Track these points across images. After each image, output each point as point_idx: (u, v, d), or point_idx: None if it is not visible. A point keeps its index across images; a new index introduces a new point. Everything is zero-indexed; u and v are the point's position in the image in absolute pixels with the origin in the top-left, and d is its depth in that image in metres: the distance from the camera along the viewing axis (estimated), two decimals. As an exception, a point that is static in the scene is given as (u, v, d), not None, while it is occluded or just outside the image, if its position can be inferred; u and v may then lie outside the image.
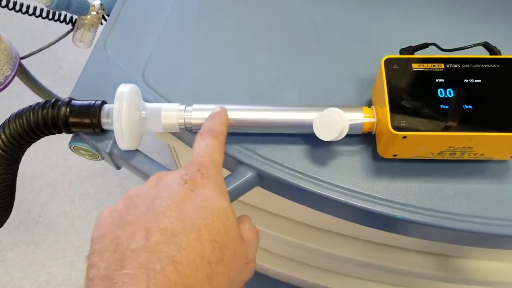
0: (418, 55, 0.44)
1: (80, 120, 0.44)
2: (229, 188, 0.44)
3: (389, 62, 0.42)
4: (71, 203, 1.51)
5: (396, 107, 0.40)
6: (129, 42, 0.54)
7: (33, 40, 1.72)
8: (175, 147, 0.69)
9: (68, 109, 0.44)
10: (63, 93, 1.09)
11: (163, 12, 0.56)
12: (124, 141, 0.43)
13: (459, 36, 0.48)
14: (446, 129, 0.38)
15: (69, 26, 0.94)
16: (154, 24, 0.55)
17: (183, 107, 0.44)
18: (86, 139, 0.47)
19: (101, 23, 0.92)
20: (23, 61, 0.96)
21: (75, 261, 1.44)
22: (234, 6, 0.57)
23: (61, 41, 0.99)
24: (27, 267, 1.39)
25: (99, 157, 0.49)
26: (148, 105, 0.44)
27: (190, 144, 0.50)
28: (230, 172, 0.46)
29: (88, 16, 0.89)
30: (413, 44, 0.46)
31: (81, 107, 0.44)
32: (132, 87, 0.43)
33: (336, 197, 0.43)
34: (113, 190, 1.54)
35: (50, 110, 0.44)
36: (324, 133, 0.41)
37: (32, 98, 1.04)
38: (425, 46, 0.46)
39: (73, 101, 0.45)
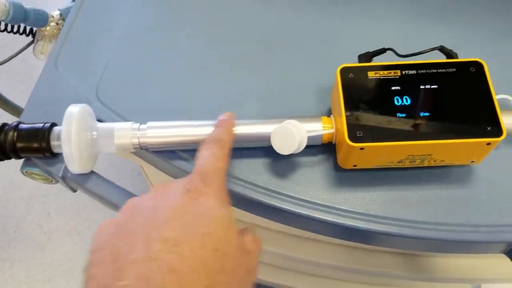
0: (374, 62, 0.43)
1: (29, 145, 0.42)
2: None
3: (344, 71, 0.41)
4: (47, 216, 1.48)
5: (352, 118, 0.39)
6: (81, 59, 0.52)
7: (2, 49, 1.67)
8: (142, 166, 0.68)
9: (15, 134, 0.42)
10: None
11: (117, 27, 0.54)
12: (75, 165, 0.41)
13: (420, 40, 0.47)
14: (404, 138, 0.38)
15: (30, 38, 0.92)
16: (107, 39, 0.53)
17: (136, 125, 0.43)
18: (37, 164, 0.45)
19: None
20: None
21: (54, 275, 1.42)
22: (190, 19, 0.55)
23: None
24: (4, 285, 1.36)
25: (53, 181, 0.47)
26: (100, 125, 0.43)
27: (152, 163, 0.48)
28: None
29: (48, 28, 0.86)
30: (371, 49, 0.45)
31: (29, 130, 0.42)
32: (82, 107, 0.42)
33: (298, 211, 0.42)
34: (89, 201, 1.51)
35: (-3, 136, 0.42)
36: (282, 147, 0.40)
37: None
38: (382, 51, 0.45)
39: (20, 125, 0.43)
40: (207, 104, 0.48)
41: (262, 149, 0.45)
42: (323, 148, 0.45)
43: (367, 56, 0.46)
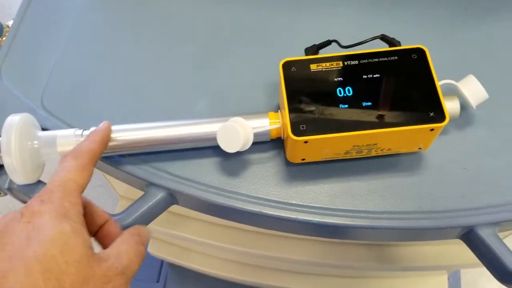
0: (316, 55, 0.42)
1: (-32, 158, 0.41)
2: (140, 211, 0.42)
3: (287, 65, 0.40)
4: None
5: (295, 111, 0.38)
6: (25, 67, 0.51)
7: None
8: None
9: (-45, 148, 0.41)
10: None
11: (61, 34, 0.53)
12: (18, 176, 0.40)
13: (368, 30, 0.47)
14: (347, 129, 0.37)
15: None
16: (52, 47, 0.52)
17: (79, 132, 0.42)
18: (-18, 177, 0.44)
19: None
20: None
21: None
22: (135, 22, 0.54)
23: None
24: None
25: (2, 194, 0.46)
26: (42, 133, 0.42)
27: (102, 169, 0.47)
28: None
29: (4, 38, 0.84)
30: (318, 42, 0.45)
31: (-31, 143, 0.41)
32: (23, 116, 0.41)
33: (250, 209, 0.42)
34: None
35: None
36: (228, 145, 0.40)
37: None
38: (328, 43, 0.45)
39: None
40: (156, 106, 0.48)
41: (211, 148, 0.44)
42: (273, 144, 0.44)
43: (313, 49, 0.45)
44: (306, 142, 0.38)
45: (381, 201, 0.41)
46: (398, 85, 0.39)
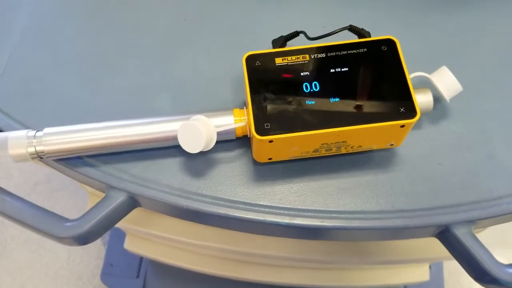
0: (282, 48, 0.40)
1: None
2: (99, 216, 0.40)
3: (250, 59, 0.38)
4: (0, 225, 1.42)
5: (259, 109, 0.36)
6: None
7: None
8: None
9: None
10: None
11: (15, 25, 0.50)
12: (-35, 183, 0.37)
13: (338, 21, 0.45)
14: (314, 127, 0.35)
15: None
16: (4, 40, 0.49)
17: (32, 133, 0.39)
18: None
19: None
20: None
21: (12, 286, 1.37)
22: (94, 12, 0.51)
23: None
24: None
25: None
26: (-9, 136, 0.39)
27: (61, 171, 0.45)
28: (105, 196, 0.42)
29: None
30: (286, 33, 0.43)
31: None
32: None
33: (216, 211, 0.39)
34: (43, 206, 1.46)
35: None
36: (190, 145, 0.38)
37: None
38: (296, 34, 0.43)
39: None
40: (115, 103, 0.45)
41: (174, 148, 0.42)
42: (240, 142, 0.42)
43: (280, 41, 0.43)
44: (271, 141, 0.36)
45: (352, 200, 0.39)
46: (367, 79, 0.37)
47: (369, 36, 0.40)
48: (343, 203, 0.39)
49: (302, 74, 0.37)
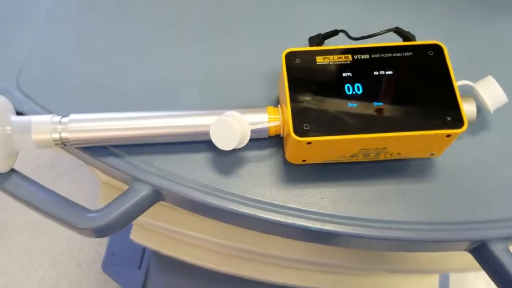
0: (324, 46, 0.38)
1: None
2: (123, 208, 0.38)
3: (290, 56, 0.37)
4: (2, 207, 1.41)
5: (299, 109, 0.35)
6: (0, 43, 0.46)
7: None
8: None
9: None
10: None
11: (41, 6, 0.48)
12: (-12, 165, 0.36)
13: (377, 22, 0.43)
14: (355, 131, 0.34)
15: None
16: (30, 21, 0.47)
17: (57, 118, 0.38)
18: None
19: None
20: None
21: (11, 268, 1.36)
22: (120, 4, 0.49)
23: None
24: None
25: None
26: (15, 118, 0.37)
27: (83, 159, 0.43)
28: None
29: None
30: (324, 31, 0.41)
31: None
32: (-4, 99, 0.36)
33: (245, 211, 0.38)
34: (54, 189, 1.44)
35: None
36: (223, 142, 0.36)
37: None
38: (335, 33, 0.41)
39: None
40: (143, 93, 0.43)
41: (203, 142, 0.40)
42: (271, 141, 0.41)
43: (318, 39, 0.42)
44: (309, 143, 0.34)
45: (387, 209, 0.38)
46: (412, 84, 0.35)
47: (414, 40, 0.38)
48: (376, 211, 0.38)
49: (344, 75, 0.36)
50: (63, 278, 1.33)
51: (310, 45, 0.42)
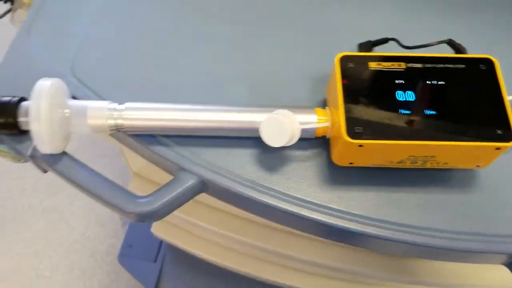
0: (376, 53, 0.39)
1: (-6, 120, 0.38)
2: (169, 197, 0.39)
3: (344, 60, 0.37)
4: (21, 192, 1.43)
5: (351, 112, 0.35)
6: (57, 28, 0.47)
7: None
8: (122, 148, 0.64)
9: (-20, 107, 0.38)
10: None
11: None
12: (45, 144, 0.37)
13: (424, 32, 0.44)
14: (406, 137, 0.34)
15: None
16: (86, 8, 0.49)
17: (114, 105, 0.39)
18: (4, 140, 0.41)
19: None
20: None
21: (25, 254, 1.37)
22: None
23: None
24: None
25: (22, 160, 0.43)
26: (73, 102, 0.39)
27: (130, 146, 0.44)
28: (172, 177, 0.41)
29: (28, -5, 0.80)
30: (373, 38, 0.42)
31: (-5, 104, 0.38)
32: (55, 81, 0.38)
33: (287, 208, 0.39)
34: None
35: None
36: (272, 139, 0.37)
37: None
38: (384, 41, 0.42)
39: (-14, 98, 0.39)
40: (191, 87, 0.45)
41: (249, 139, 0.41)
42: (315, 141, 0.41)
43: (367, 46, 0.43)
44: (361, 146, 0.35)
45: (429, 217, 0.38)
46: (464, 96, 0.36)
47: (466, 52, 0.39)
48: (418, 218, 0.38)
49: (396, 81, 0.36)
50: (76, 266, 1.34)
51: (360, 51, 0.43)
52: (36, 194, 1.45)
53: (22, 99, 0.39)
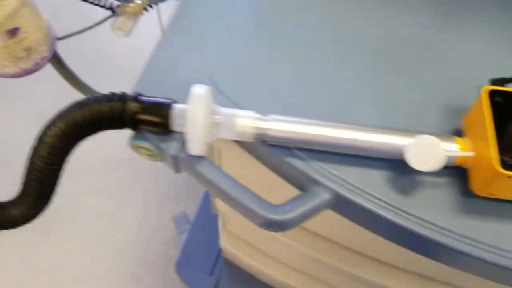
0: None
1: (150, 118, 0.40)
2: (305, 207, 0.41)
3: (491, 94, 0.39)
4: (79, 194, 1.46)
5: (503, 144, 0.36)
6: (198, 35, 0.50)
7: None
8: (221, 149, 0.65)
9: (137, 105, 0.40)
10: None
11: (240, 6, 0.53)
12: (197, 146, 0.39)
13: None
14: (561, 172, 0.35)
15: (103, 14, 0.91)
16: (227, 18, 0.52)
17: (259, 115, 0.41)
18: (150, 138, 0.43)
19: (142, 13, 0.89)
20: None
21: (78, 252, 1.40)
22: (318, 14, 0.53)
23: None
24: (29, 258, 1.35)
25: (159, 159, 0.45)
26: (224, 110, 0.41)
27: (261, 156, 0.46)
28: (298, 192, 0.43)
29: (132, 4, 0.85)
30: (506, 76, 0.43)
31: (151, 104, 0.41)
32: (208, 89, 0.40)
33: (418, 231, 0.39)
34: (122, 183, 1.50)
35: (117, 104, 0.40)
36: (420, 162, 0.38)
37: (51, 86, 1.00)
38: (519, 80, 0.43)
39: (140, 97, 0.41)
40: (321, 105, 0.46)
41: (382, 160, 0.42)
42: (449, 170, 0.42)
43: (501, 81, 0.44)
44: (510, 177, 0.35)
45: None
46: None
47: None
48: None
49: (548, 120, 0.37)
50: (127, 271, 1.36)
51: (492, 85, 0.44)
52: (92, 197, 1.49)
53: (174, 101, 0.41)
